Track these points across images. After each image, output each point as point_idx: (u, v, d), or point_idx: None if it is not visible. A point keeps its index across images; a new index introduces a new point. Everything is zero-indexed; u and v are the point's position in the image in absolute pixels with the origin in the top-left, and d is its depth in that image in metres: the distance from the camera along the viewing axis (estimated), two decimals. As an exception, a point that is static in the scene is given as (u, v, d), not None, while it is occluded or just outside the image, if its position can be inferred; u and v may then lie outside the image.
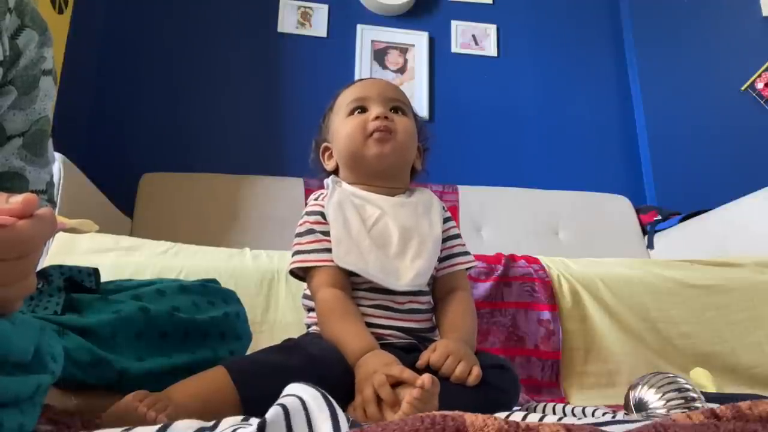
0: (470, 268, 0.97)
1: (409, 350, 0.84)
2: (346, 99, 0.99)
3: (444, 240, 0.94)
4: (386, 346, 0.82)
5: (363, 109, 0.96)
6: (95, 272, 0.79)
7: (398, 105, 0.98)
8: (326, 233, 0.88)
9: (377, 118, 0.93)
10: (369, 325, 0.84)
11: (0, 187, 0.68)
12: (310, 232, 0.89)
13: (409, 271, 0.86)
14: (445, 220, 0.97)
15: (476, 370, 0.73)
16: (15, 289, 0.41)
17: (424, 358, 0.76)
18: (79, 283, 0.77)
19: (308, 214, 0.92)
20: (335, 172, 1.02)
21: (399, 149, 0.94)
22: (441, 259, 0.93)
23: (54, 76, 0.76)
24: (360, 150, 0.93)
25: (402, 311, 0.87)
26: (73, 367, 0.64)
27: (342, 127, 0.96)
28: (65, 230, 1.30)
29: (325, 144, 1.03)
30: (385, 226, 0.89)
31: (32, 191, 0.74)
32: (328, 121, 1.02)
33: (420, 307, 0.89)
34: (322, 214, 0.90)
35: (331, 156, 1.01)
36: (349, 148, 0.95)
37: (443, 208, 0.99)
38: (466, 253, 0.96)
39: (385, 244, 0.88)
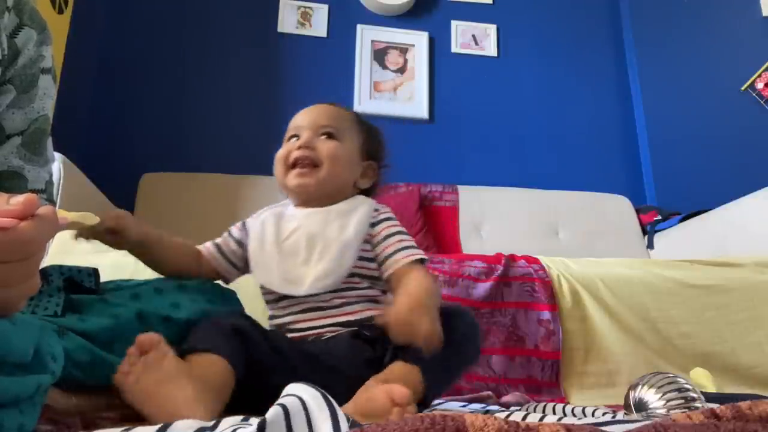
0: (422, 260, 0.88)
1: (354, 337, 0.83)
2: (288, 127, 1.01)
3: (377, 243, 0.90)
4: (331, 339, 0.83)
5: (297, 137, 0.97)
6: (95, 272, 0.79)
7: (329, 131, 0.96)
8: (234, 237, 0.98)
9: (300, 147, 0.94)
10: (304, 330, 0.85)
11: (-1, 186, 0.68)
12: (225, 232, 1.00)
13: (310, 276, 0.86)
14: (375, 224, 0.93)
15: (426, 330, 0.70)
16: (18, 290, 0.41)
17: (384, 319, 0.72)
18: (78, 283, 0.77)
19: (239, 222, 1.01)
20: None
21: (324, 179, 0.93)
22: (380, 262, 0.90)
23: (53, 74, 0.76)
24: (282, 179, 0.97)
25: (333, 308, 0.86)
26: (73, 367, 0.64)
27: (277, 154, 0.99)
28: (67, 225, 1.30)
29: None
30: (297, 237, 0.90)
31: (31, 190, 0.74)
32: None
33: (351, 300, 0.87)
34: (244, 224, 1.00)
35: None
36: (276, 176, 0.99)
37: (376, 210, 0.95)
38: (409, 248, 0.90)
39: (294, 253, 0.89)
